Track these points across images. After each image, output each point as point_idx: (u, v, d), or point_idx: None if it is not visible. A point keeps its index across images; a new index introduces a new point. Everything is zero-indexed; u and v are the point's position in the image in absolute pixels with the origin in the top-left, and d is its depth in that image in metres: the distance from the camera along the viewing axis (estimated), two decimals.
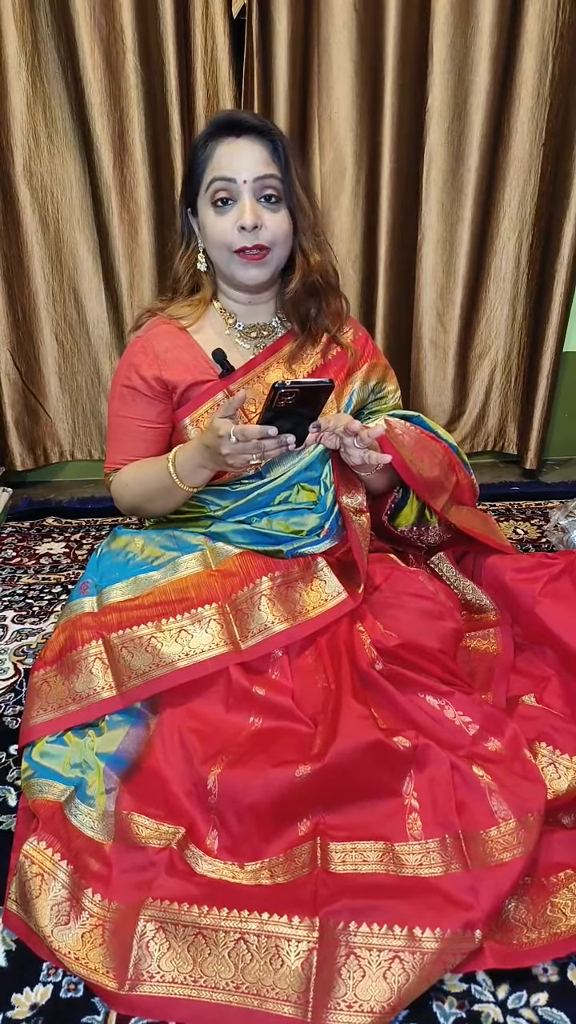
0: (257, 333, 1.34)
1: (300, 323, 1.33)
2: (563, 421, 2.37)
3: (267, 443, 1.10)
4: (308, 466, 1.31)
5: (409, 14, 1.88)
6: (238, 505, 1.30)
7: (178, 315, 1.32)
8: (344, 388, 1.37)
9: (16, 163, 1.96)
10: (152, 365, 1.29)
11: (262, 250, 1.23)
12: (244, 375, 1.30)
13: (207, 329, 1.33)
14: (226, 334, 1.33)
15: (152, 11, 1.84)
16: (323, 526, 1.32)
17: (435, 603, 1.23)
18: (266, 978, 0.87)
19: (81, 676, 1.14)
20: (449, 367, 2.25)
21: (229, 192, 1.22)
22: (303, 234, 1.28)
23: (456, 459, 1.40)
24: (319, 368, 1.35)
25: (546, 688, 1.21)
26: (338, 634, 1.18)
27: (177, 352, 1.30)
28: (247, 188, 1.21)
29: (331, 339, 1.36)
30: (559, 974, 0.91)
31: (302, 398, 1.07)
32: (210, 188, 1.23)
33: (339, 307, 1.38)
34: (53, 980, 0.91)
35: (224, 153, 1.22)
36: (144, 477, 1.29)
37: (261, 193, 1.22)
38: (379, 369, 1.43)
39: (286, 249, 1.28)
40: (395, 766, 1.04)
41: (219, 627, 1.14)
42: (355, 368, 1.39)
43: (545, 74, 1.96)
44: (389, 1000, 0.85)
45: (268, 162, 1.22)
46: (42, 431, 2.25)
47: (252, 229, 1.21)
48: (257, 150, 1.22)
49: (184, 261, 1.34)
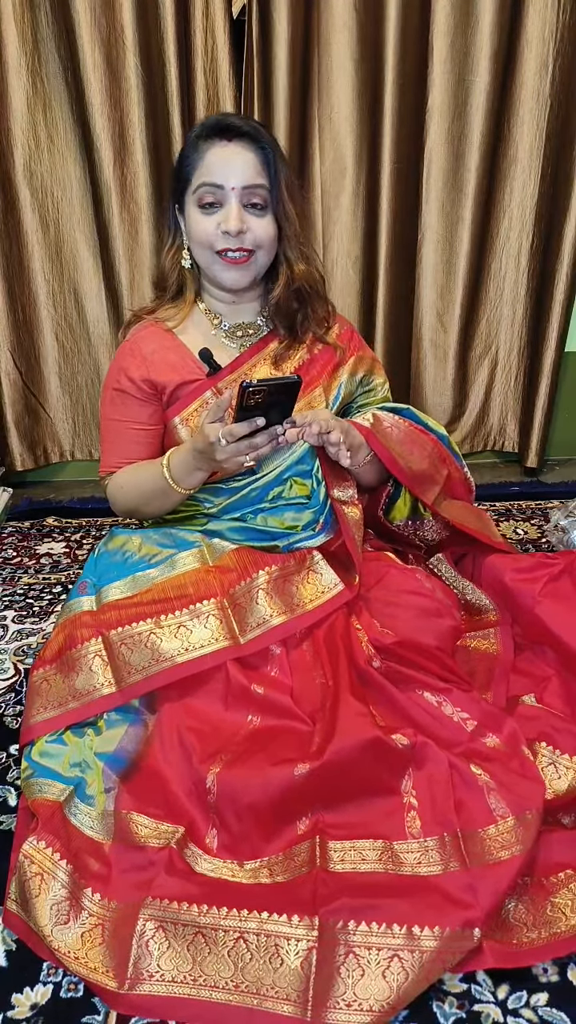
0: (243, 332, 1.35)
1: (287, 328, 1.34)
2: (564, 421, 2.37)
3: (258, 439, 1.11)
4: (299, 459, 1.32)
5: (409, 14, 1.88)
6: (232, 501, 1.31)
7: (163, 317, 1.34)
8: (332, 383, 1.37)
9: (16, 163, 1.96)
10: (140, 367, 1.30)
11: (245, 253, 1.24)
12: (231, 373, 1.31)
13: (192, 330, 1.34)
14: (212, 334, 1.34)
15: (152, 11, 1.84)
16: (318, 520, 1.32)
17: (433, 601, 1.23)
18: (266, 977, 0.87)
19: (81, 674, 1.14)
20: (449, 367, 2.25)
21: (216, 197, 1.23)
22: (288, 242, 1.29)
23: (447, 452, 1.40)
24: (305, 363, 1.36)
25: (546, 688, 1.21)
26: (335, 631, 1.18)
27: (164, 353, 1.31)
28: (235, 195, 1.22)
29: (316, 337, 1.37)
30: (559, 974, 0.91)
31: (272, 395, 1.08)
32: (197, 191, 1.24)
33: (326, 312, 1.39)
34: (53, 980, 0.91)
35: (214, 158, 1.22)
36: (139, 480, 1.30)
37: (248, 200, 1.23)
38: (366, 361, 1.44)
39: (269, 255, 1.29)
40: (394, 764, 1.04)
41: (218, 622, 1.14)
42: (342, 362, 1.39)
43: (545, 74, 1.96)
44: (388, 999, 0.85)
45: (258, 170, 1.23)
46: (42, 431, 2.25)
47: (236, 235, 1.22)
48: (248, 157, 1.22)
49: (171, 257, 1.34)
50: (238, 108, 1.94)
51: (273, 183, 1.24)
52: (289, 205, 1.26)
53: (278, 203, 1.25)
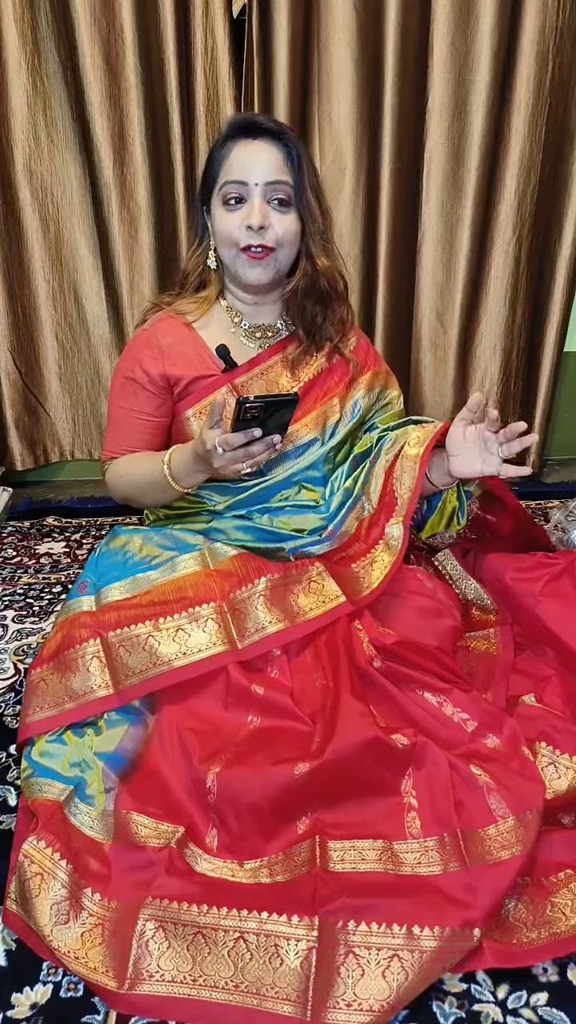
0: (262, 334, 1.35)
1: (305, 329, 1.34)
2: (564, 422, 2.37)
3: (254, 448, 1.12)
4: (311, 465, 1.32)
5: (409, 14, 1.88)
6: (238, 500, 1.31)
7: (183, 310, 1.33)
8: (347, 395, 1.38)
9: (16, 163, 1.96)
10: (156, 360, 1.29)
11: (267, 250, 1.24)
12: (248, 371, 1.31)
13: (212, 326, 1.34)
14: (231, 332, 1.34)
15: (152, 11, 1.84)
16: (326, 527, 1.32)
17: (433, 601, 1.23)
18: (265, 977, 0.87)
19: (78, 674, 1.14)
20: (449, 367, 2.25)
21: (240, 193, 1.23)
22: (311, 238, 1.29)
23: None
24: (322, 372, 1.36)
25: (546, 688, 1.21)
26: (336, 632, 1.18)
27: (181, 347, 1.30)
28: (258, 191, 1.22)
29: (333, 348, 1.37)
30: (559, 974, 0.91)
31: (268, 412, 1.09)
32: (223, 189, 1.24)
33: (344, 315, 1.39)
34: (53, 980, 0.91)
35: (238, 155, 1.23)
36: (139, 471, 1.30)
37: (272, 196, 1.23)
38: (381, 376, 1.44)
39: (292, 252, 1.28)
40: (394, 764, 1.04)
41: (216, 626, 1.14)
42: (357, 377, 1.39)
43: (545, 74, 1.96)
44: (388, 999, 0.85)
45: (281, 167, 1.23)
46: (42, 431, 2.25)
47: (259, 229, 1.22)
48: (272, 153, 1.23)
49: (195, 258, 1.35)
50: (238, 108, 1.94)
51: (297, 180, 1.24)
52: (313, 202, 1.27)
53: (301, 200, 1.25)
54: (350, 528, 1.33)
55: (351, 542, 1.31)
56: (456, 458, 1.25)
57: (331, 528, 1.32)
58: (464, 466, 1.24)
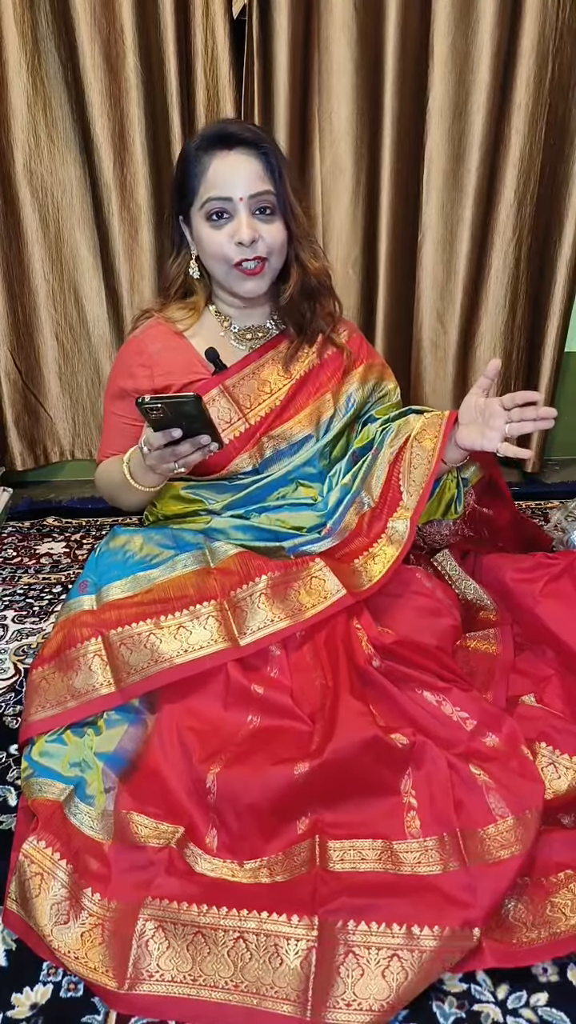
0: (252, 335, 1.36)
1: (297, 327, 1.35)
2: (565, 422, 2.36)
3: (181, 448, 1.11)
4: (306, 462, 1.33)
5: (409, 14, 1.88)
6: (235, 499, 1.32)
7: (175, 318, 1.34)
8: (340, 390, 1.38)
9: (16, 163, 1.96)
10: (145, 372, 1.31)
11: (260, 261, 1.25)
12: (239, 371, 1.32)
13: (202, 333, 1.35)
14: (220, 336, 1.35)
15: (152, 11, 1.84)
16: (325, 524, 1.32)
17: (433, 600, 1.24)
18: (265, 977, 0.87)
19: (80, 673, 1.14)
20: (449, 367, 2.25)
21: (224, 208, 1.23)
22: (299, 242, 1.30)
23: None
24: (314, 368, 1.37)
25: (546, 688, 1.21)
26: (336, 631, 1.18)
27: (170, 353, 1.32)
28: (243, 204, 1.23)
29: (326, 339, 1.37)
30: (559, 974, 0.91)
31: (173, 410, 1.07)
32: (205, 206, 1.24)
33: (332, 308, 1.40)
34: (53, 980, 0.91)
35: (218, 169, 1.23)
36: (112, 472, 1.32)
37: (256, 207, 1.24)
38: (376, 368, 1.44)
39: (281, 258, 1.29)
40: (393, 763, 1.04)
41: (217, 624, 1.14)
42: (351, 368, 1.40)
43: (545, 74, 1.96)
44: (388, 998, 0.85)
45: (262, 177, 1.23)
46: (42, 431, 2.25)
47: (250, 244, 1.22)
48: (251, 165, 1.23)
49: (176, 267, 1.36)
50: (238, 108, 1.94)
51: (278, 187, 1.24)
52: (296, 204, 1.27)
53: (285, 206, 1.26)
54: (350, 524, 1.33)
55: (352, 537, 1.32)
56: (466, 427, 1.25)
57: (330, 525, 1.33)
58: (466, 437, 1.25)
